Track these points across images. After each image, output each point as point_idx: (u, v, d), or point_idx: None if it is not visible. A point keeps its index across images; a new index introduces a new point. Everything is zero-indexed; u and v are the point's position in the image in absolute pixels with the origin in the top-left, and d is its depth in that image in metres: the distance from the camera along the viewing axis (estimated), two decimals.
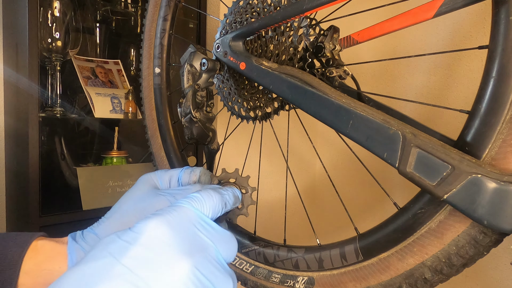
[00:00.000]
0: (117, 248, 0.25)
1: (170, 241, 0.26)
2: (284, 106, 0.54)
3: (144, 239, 0.25)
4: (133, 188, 0.39)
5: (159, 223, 0.26)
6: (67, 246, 0.35)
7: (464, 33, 0.88)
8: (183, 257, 0.25)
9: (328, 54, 0.48)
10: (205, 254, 0.27)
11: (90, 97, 0.88)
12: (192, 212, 0.29)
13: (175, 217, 0.28)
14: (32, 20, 0.74)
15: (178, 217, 0.28)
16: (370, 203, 1.12)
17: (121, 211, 0.36)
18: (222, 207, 0.33)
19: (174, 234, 0.26)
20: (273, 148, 0.71)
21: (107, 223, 0.36)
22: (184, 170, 0.42)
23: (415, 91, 0.99)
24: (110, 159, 0.94)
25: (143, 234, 0.26)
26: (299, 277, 0.48)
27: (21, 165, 0.80)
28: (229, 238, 0.30)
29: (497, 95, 0.32)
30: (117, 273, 0.23)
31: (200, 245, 0.27)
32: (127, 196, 0.38)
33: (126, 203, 0.37)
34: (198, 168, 0.42)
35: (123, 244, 0.25)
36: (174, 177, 0.41)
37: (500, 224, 0.29)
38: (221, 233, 0.30)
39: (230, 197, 0.35)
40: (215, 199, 0.32)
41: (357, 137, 0.38)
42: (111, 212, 0.37)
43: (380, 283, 0.40)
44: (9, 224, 0.92)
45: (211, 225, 0.30)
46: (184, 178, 0.41)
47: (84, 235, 0.36)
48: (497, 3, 0.32)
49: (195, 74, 0.57)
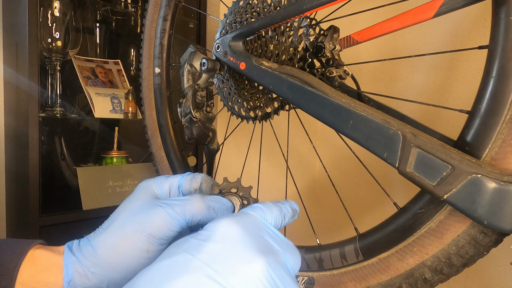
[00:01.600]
0: (191, 245, 0.25)
1: (244, 239, 0.26)
2: (284, 106, 0.54)
3: (217, 236, 0.26)
4: (131, 196, 0.38)
5: (230, 222, 0.27)
6: (63, 258, 0.34)
7: (464, 33, 0.88)
8: (258, 255, 0.25)
9: (328, 54, 0.48)
10: (276, 257, 0.27)
11: (90, 97, 0.88)
12: (258, 219, 0.30)
13: (244, 220, 0.28)
14: (32, 20, 0.74)
15: (247, 220, 0.28)
16: (370, 203, 1.12)
17: (118, 222, 0.35)
18: (282, 220, 0.33)
19: (246, 234, 0.27)
20: (273, 148, 0.71)
21: (104, 235, 0.35)
22: (185, 176, 0.41)
23: (415, 91, 0.99)
24: (110, 159, 0.94)
25: (216, 232, 0.26)
26: (299, 277, 0.48)
27: (21, 165, 0.80)
28: (294, 248, 0.30)
29: (497, 95, 0.32)
30: (194, 267, 0.23)
31: (270, 249, 0.27)
32: (124, 206, 0.37)
33: (123, 213, 0.36)
34: (199, 175, 0.41)
35: (197, 242, 0.25)
36: (174, 185, 0.40)
37: (500, 224, 0.29)
38: (287, 242, 0.30)
39: (288, 210, 0.34)
40: (276, 211, 0.32)
41: (357, 137, 0.38)
42: (109, 222, 0.36)
43: (380, 283, 0.40)
44: (9, 224, 0.92)
45: (276, 233, 0.30)
46: (185, 186, 0.40)
47: (81, 246, 0.35)
48: (497, 3, 0.32)
49: (195, 74, 0.57)
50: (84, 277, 0.33)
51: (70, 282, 0.33)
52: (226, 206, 0.36)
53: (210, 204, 0.35)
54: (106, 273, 0.34)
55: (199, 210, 0.34)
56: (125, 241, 0.34)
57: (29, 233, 0.76)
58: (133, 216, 0.35)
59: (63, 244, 0.36)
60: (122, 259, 0.34)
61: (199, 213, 0.34)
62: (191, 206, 0.34)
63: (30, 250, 0.33)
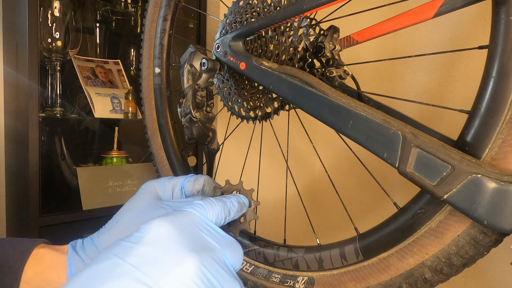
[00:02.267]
0: (121, 248, 0.24)
1: (176, 239, 0.25)
2: (284, 106, 0.54)
3: (148, 238, 0.25)
4: (135, 197, 0.38)
5: (163, 222, 0.26)
6: (67, 257, 0.34)
7: (464, 33, 0.88)
8: (190, 254, 0.25)
9: (328, 54, 0.48)
10: (211, 255, 0.26)
11: (90, 97, 0.88)
12: (196, 216, 0.29)
13: (179, 218, 0.28)
14: (32, 20, 0.74)
15: (182, 218, 0.28)
16: (370, 203, 1.12)
17: (121, 222, 0.36)
18: (226, 215, 0.32)
19: (179, 233, 0.26)
20: (273, 148, 0.71)
21: (107, 235, 0.35)
22: (188, 178, 0.41)
23: (415, 91, 0.99)
24: (110, 159, 0.94)
25: (147, 233, 0.25)
26: (299, 277, 0.48)
27: (21, 165, 0.80)
28: (235, 244, 0.29)
29: (497, 95, 0.32)
30: (122, 272, 0.23)
31: (206, 246, 0.27)
32: (128, 206, 0.37)
33: (126, 214, 0.36)
34: (202, 177, 0.41)
35: (127, 245, 0.25)
36: (177, 186, 0.40)
37: (500, 224, 0.29)
38: (227, 238, 0.29)
39: (234, 204, 0.34)
40: (218, 207, 0.32)
41: (357, 137, 0.38)
42: (112, 223, 0.36)
43: (380, 283, 0.40)
44: (9, 224, 0.92)
45: (215, 229, 0.29)
46: (188, 187, 0.40)
47: (85, 245, 0.36)
48: (497, 3, 0.32)
49: (195, 74, 0.57)
50: None
51: None
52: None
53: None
54: None
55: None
56: None
57: (29, 233, 0.76)
58: (136, 217, 0.35)
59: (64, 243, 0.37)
60: None
61: None
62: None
63: (34, 249, 0.33)
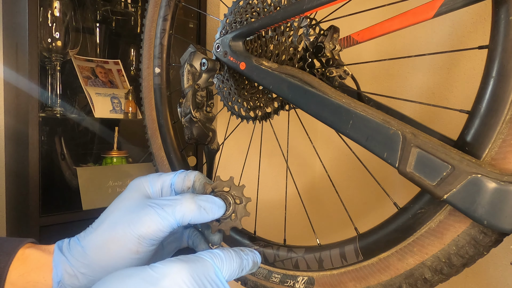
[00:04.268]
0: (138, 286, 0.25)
1: None
2: (284, 106, 0.54)
3: (165, 283, 0.26)
4: (122, 195, 0.37)
5: (182, 268, 0.27)
6: (53, 258, 0.33)
7: (464, 33, 0.88)
8: None
9: (328, 54, 0.48)
10: None
11: (90, 97, 0.88)
12: (212, 268, 0.30)
13: (197, 268, 0.28)
14: (32, 20, 0.74)
15: (199, 269, 0.28)
16: (370, 203, 1.12)
17: (108, 222, 0.35)
18: (239, 273, 0.33)
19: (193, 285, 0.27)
20: (273, 148, 0.71)
21: (94, 235, 0.34)
22: (177, 174, 0.39)
23: (415, 91, 0.99)
24: (110, 159, 0.94)
25: (165, 277, 0.26)
26: (299, 277, 0.48)
27: (21, 165, 0.80)
28: None
29: (497, 95, 0.32)
30: None
31: None
32: (115, 205, 0.36)
33: (113, 213, 0.35)
34: (192, 173, 0.39)
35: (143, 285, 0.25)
36: (166, 183, 0.39)
37: (500, 224, 0.29)
38: None
39: (249, 263, 0.34)
40: (235, 264, 0.32)
41: (357, 137, 0.38)
42: (99, 222, 0.36)
43: (380, 283, 0.40)
44: (9, 224, 0.92)
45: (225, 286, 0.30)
46: (178, 184, 0.39)
47: (71, 245, 0.35)
48: (497, 3, 0.32)
49: (195, 74, 0.57)
50: (74, 278, 0.33)
51: (60, 283, 0.33)
52: (218, 205, 0.35)
53: (201, 204, 0.34)
54: (96, 274, 0.33)
55: (190, 210, 0.33)
56: (115, 242, 0.33)
57: (29, 233, 0.76)
58: (123, 216, 0.34)
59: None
60: (112, 260, 0.33)
61: (190, 213, 0.33)
62: (181, 207, 0.33)
63: (20, 249, 0.33)
